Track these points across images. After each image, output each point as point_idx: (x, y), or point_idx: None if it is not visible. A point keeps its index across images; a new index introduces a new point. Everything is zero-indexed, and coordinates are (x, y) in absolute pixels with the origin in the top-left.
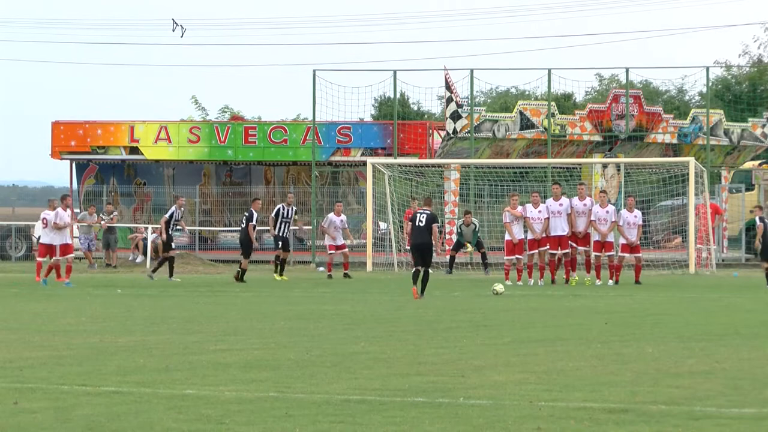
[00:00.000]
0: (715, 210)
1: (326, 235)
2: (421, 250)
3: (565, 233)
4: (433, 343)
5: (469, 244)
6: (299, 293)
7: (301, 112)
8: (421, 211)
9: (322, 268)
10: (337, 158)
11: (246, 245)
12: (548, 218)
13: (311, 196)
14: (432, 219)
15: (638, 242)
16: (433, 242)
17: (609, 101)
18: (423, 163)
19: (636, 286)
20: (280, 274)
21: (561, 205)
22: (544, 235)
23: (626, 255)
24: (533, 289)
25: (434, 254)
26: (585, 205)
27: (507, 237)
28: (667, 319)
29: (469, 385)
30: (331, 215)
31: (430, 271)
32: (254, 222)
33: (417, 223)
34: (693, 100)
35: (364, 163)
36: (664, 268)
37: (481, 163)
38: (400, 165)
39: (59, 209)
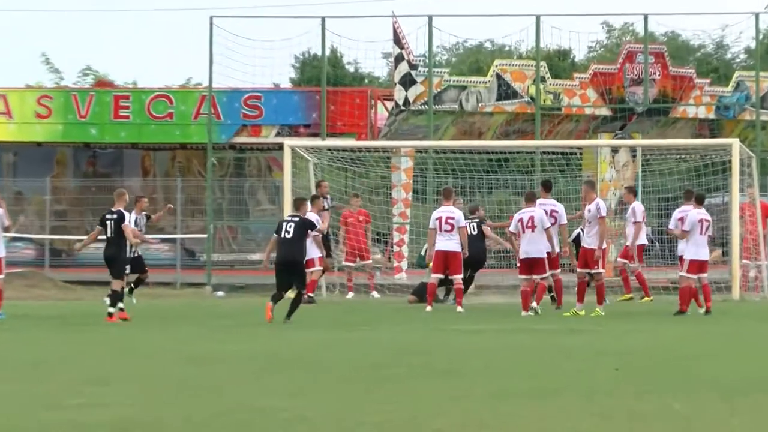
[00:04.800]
0: (766, 211)
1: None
2: (290, 268)
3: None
4: (376, 397)
5: None
6: (191, 328)
7: (193, 75)
8: (289, 218)
9: (221, 293)
10: (242, 139)
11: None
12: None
13: (206, 192)
14: (303, 226)
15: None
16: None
17: (621, 60)
18: (362, 146)
19: (679, 317)
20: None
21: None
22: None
23: (705, 275)
24: (516, 322)
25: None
26: (589, 211)
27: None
28: (701, 362)
29: None
30: (311, 214)
31: (304, 293)
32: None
33: (283, 234)
34: (737, 59)
35: (281, 147)
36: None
37: (443, 146)
38: (330, 149)
39: None
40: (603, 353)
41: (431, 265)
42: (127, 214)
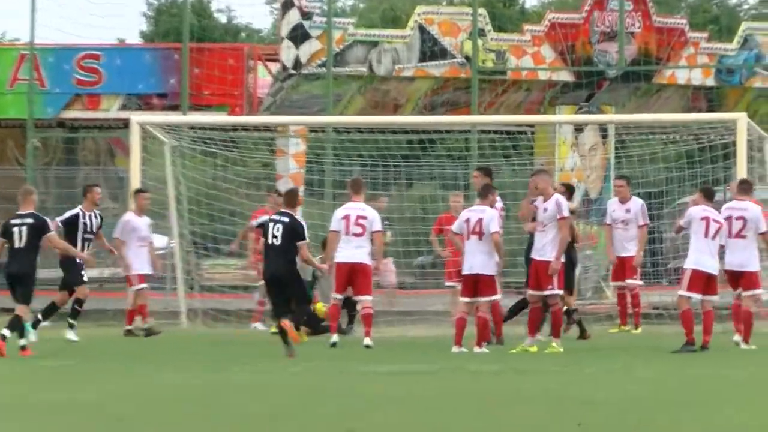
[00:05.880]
0: None
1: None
2: (280, 283)
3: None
4: None
5: None
6: (7, 366)
7: (8, 28)
8: (277, 216)
9: (46, 322)
10: (75, 114)
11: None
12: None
13: (26, 184)
14: (293, 232)
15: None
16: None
17: (588, 8)
18: (237, 123)
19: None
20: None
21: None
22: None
23: (711, 298)
24: (445, 361)
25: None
26: (545, 210)
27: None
28: (694, 413)
29: None
30: (129, 214)
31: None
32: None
33: (270, 240)
34: (744, 6)
35: (127, 124)
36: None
37: (346, 122)
38: (193, 127)
39: None
40: (561, 401)
41: (321, 306)
42: (48, 221)
